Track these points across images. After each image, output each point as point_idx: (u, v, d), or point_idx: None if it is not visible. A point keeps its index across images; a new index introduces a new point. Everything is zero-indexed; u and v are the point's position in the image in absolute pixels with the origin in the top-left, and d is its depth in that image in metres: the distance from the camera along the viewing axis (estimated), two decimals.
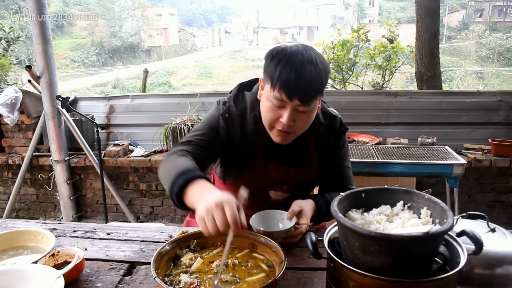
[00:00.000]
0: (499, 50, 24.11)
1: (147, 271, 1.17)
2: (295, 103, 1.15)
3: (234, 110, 1.32)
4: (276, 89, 1.14)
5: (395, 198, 0.99)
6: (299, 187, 1.43)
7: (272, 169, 1.36)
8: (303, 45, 1.19)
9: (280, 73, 1.12)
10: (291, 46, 1.18)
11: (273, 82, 1.14)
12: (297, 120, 1.19)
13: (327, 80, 1.20)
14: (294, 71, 1.11)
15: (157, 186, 3.85)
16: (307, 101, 1.15)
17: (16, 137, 3.91)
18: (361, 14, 33.75)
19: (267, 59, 1.19)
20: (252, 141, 1.32)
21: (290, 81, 1.11)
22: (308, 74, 1.12)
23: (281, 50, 1.17)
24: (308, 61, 1.13)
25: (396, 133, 3.57)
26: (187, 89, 22.88)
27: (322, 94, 1.21)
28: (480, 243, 0.84)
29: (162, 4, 40.06)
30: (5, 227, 1.48)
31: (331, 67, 4.54)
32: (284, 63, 1.12)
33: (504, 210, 3.57)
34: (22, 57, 13.31)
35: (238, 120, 1.31)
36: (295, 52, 1.14)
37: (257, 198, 1.17)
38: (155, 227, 1.52)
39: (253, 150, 1.34)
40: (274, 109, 1.18)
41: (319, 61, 1.16)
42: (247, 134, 1.31)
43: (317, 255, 0.91)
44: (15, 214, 4.10)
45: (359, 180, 2.93)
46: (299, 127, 1.22)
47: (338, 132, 1.39)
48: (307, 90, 1.13)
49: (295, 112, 1.17)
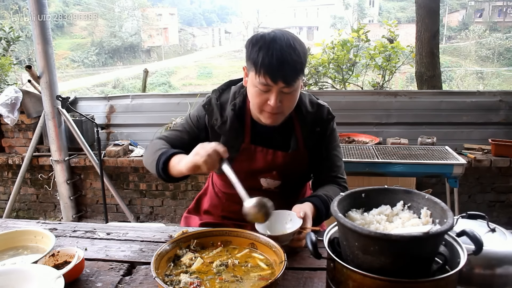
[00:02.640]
0: (499, 50, 24.09)
1: (147, 271, 1.17)
2: (279, 86, 1.23)
3: (215, 101, 1.42)
4: (261, 75, 1.21)
5: (395, 198, 0.99)
6: (289, 173, 1.46)
7: (260, 154, 1.41)
8: (280, 31, 1.27)
9: (263, 60, 1.20)
10: (268, 33, 1.25)
11: (257, 69, 1.22)
12: (283, 100, 1.27)
13: (306, 61, 1.29)
14: (275, 56, 1.19)
15: (157, 186, 3.85)
16: (291, 83, 1.23)
17: (16, 137, 3.91)
18: (361, 14, 33.73)
19: (248, 47, 1.26)
20: (234, 128, 1.39)
21: (273, 66, 1.19)
22: (288, 57, 1.20)
23: (260, 38, 1.24)
24: (287, 45, 1.21)
25: (396, 133, 3.57)
26: (187, 89, 22.88)
27: (304, 74, 1.28)
28: (480, 243, 0.84)
29: (162, 4, 40.05)
30: (5, 227, 1.48)
31: (331, 67, 4.54)
32: (265, 50, 1.20)
33: (504, 210, 3.57)
34: (22, 57, 13.31)
35: (218, 109, 1.41)
36: (274, 38, 1.22)
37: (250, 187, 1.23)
38: (155, 227, 1.52)
39: (238, 136, 1.41)
40: (261, 94, 1.26)
41: (297, 44, 1.24)
42: (227, 122, 1.39)
43: (317, 255, 0.91)
44: (15, 214, 4.10)
45: (359, 180, 2.93)
46: (286, 106, 1.30)
47: (325, 119, 1.45)
48: (290, 73, 1.21)
49: (280, 94, 1.25)
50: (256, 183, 1.45)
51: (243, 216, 1.50)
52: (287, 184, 1.47)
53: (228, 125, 1.39)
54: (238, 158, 1.41)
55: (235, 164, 1.40)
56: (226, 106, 1.41)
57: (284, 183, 1.46)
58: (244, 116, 1.42)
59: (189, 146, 1.38)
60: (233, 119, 1.39)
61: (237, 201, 1.50)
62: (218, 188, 1.59)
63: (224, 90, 1.47)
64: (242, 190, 1.17)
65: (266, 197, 1.39)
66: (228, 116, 1.39)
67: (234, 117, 1.39)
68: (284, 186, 1.47)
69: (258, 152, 1.41)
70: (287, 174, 1.45)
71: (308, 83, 4.53)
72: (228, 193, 1.53)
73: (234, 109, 1.39)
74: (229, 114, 1.39)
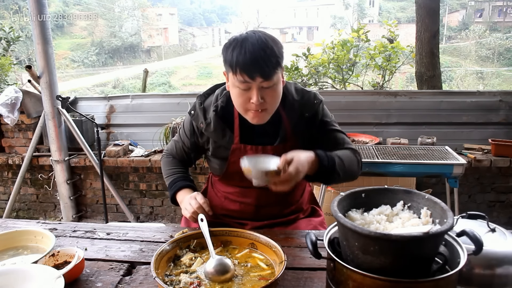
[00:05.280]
0: (499, 50, 24.09)
1: (147, 271, 1.17)
2: (258, 81, 1.24)
3: (198, 105, 1.46)
4: (238, 73, 1.24)
5: (395, 198, 0.99)
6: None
7: (250, 152, 1.42)
8: (252, 31, 1.31)
9: (237, 59, 1.23)
10: (240, 34, 1.30)
11: (233, 69, 1.25)
12: (265, 96, 1.28)
13: (282, 54, 1.30)
14: (248, 52, 1.22)
15: (157, 186, 3.85)
16: (268, 76, 1.24)
17: (16, 137, 3.91)
18: (361, 14, 33.72)
19: (224, 51, 1.30)
20: (219, 128, 1.42)
21: (247, 63, 1.22)
22: (262, 52, 1.23)
23: (233, 40, 1.29)
24: (259, 42, 1.24)
25: (396, 133, 3.57)
26: (187, 89, 22.88)
27: (281, 67, 1.30)
28: (480, 243, 0.84)
29: (162, 4, 40.05)
30: (5, 227, 1.48)
31: (331, 67, 4.54)
32: (239, 49, 1.24)
33: (504, 210, 3.57)
34: (22, 57, 13.31)
35: (202, 113, 1.45)
36: (246, 37, 1.26)
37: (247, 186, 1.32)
38: (155, 227, 1.52)
39: (227, 137, 1.42)
40: (242, 93, 1.28)
41: (269, 39, 1.27)
42: (211, 124, 1.42)
43: (317, 255, 0.91)
44: (15, 214, 4.10)
45: (359, 180, 2.90)
46: (269, 102, 1.30)
47: (312, 104, 1.45)
48: (265, 67, 1.23)
49: (261, 89, 1.26)
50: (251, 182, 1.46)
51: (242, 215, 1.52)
52: None
53: (212, 126, 1.42)
54: (231, 160, 1.43)
55: (229, 166, 1.46)
56: (209, 109, 1.44)
57: None
58: (231, 117, 1.43)
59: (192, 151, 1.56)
60: (216, 120, 1.41)
61: (236, 200, 1.51)
62: (217, 188, 1.59)
63: (209, 95, 1.50)
64: (211, 246, 1.17)
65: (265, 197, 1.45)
66: (211, 118, 1.42)
67: (217, 118, 1.41)
68: None
69: (248, 150, 1.42)
70: None
71: (308, 83, 4.53)
72: (227, 192, 1.54)
73: (216, 110, 1.41)
74: (211, 116, 1.42)
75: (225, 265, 1.08)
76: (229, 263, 1.09)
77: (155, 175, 3.79)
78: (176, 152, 1.62)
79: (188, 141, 1.55)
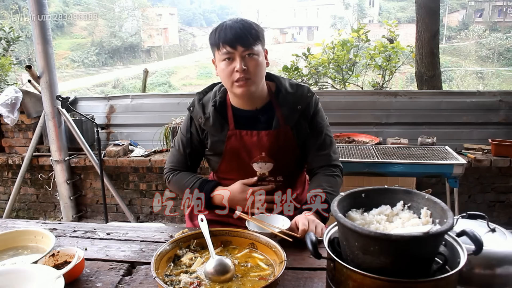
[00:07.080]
0: (499, 50, 24.08)
1: (147, 271, 1.17)
2: (240, 50, 1.37)
3: (197, 102, 1.55)
4: (221, 47, 1.38)
5: (395, 198, 0.99)
6: (277, 151, 1.50)
7: (246, 137, 1.49)
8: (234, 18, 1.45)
9: (219, 35, 1.38)
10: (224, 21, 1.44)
11: (218, 45, 1.39)
12: (248, 65, 1.38)
13: (263, 32, 1.44)
14: (229, 28, 1.38)
15: (157, 186, 3.85)
16: (249, 45, 1.37)
17: (16, 137, 3.91)
18: (361, 14, 33.70)
19: (209, 38, 1.44)
20: (218, 122, 1.49)
21: (227, 35, 1.37)
22: (240, 25, 1.38)
23: (215, 27, 1.44)
24: (238, 20, 1.41)
25: (396, 133, 3.57)
26: (187, 89, 22.87)
27: (261, 42, 1.42)
28: (480, 243, 0.84)
29: (162, 4, 40.03)
30: (5, 227, 1.48)
31: (331, 67, 4.54)
32: (220, 29, 1.40)
33: (504, 210, 3.57)
34: (22, 57, 13.32)
35: (201, 109, 1.53)
36: (227, 21, 1.42)
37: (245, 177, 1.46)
38: (155, 227, 1.52)
39: (223, 128, 1.50)
40: (227, 64, 1.39)
41: (249, 20, 1.43)
42: (210, 118, 1.50)
43: (317, 255, 0.91)
44: (15, 214, 4.10)
45: (359, 180, 2.93)
46: (252, 72, 1.39)
47: (305, 97, 1.53)
48: (245, 37, 1.37)
49: (244, 58, 1.38)
50: (250, 171, 1.51)
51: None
52: (280, 166, 1.52)
53: (211, 120, 1.49)
54: (227, 147, 1.49)
55: (225, 155, 1.52)
56: (208, 104, 1.53)
57: (276, 166, 1.51)
58: (226, 109, 1.51)
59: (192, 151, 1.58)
60: (215, 114, 1.49)
61: None
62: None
63: (207, 92, 1.58)
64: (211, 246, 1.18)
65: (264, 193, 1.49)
66: (210, 113, 1.50)
67: (215, 112, 1.49)
68: (278, 169, 1.52)
69: (244, 135, 1.49)
70: (276, 153, 1.50)
71: (308, 83, 4.53)
72: None
73: (215, 105, 1.50)
74: (210, 110, 1.50)
75: (225, 265, 1.08)
76: (229, 263, 1.09)
77: (155, 175, 3.79)
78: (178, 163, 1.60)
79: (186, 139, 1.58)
